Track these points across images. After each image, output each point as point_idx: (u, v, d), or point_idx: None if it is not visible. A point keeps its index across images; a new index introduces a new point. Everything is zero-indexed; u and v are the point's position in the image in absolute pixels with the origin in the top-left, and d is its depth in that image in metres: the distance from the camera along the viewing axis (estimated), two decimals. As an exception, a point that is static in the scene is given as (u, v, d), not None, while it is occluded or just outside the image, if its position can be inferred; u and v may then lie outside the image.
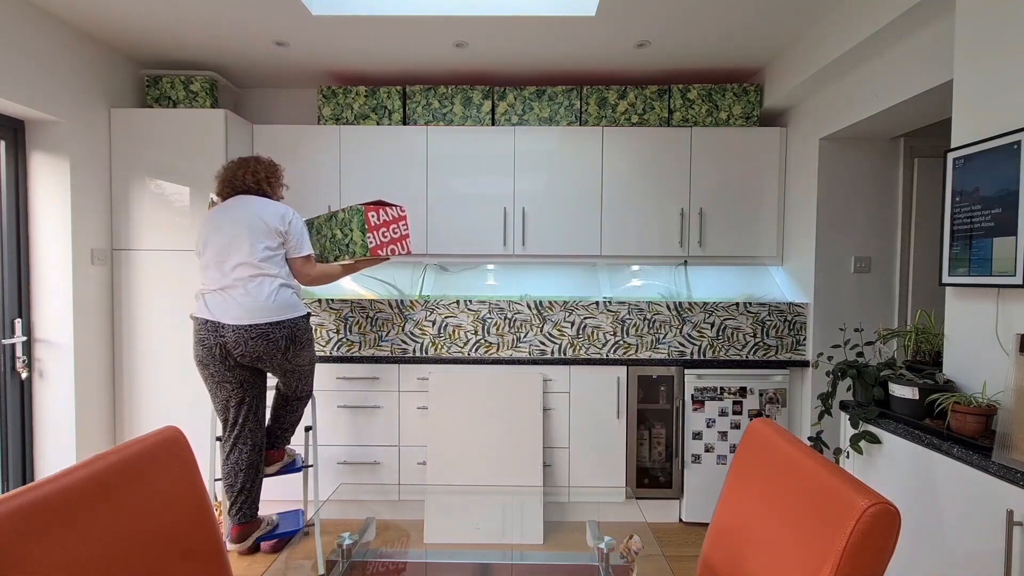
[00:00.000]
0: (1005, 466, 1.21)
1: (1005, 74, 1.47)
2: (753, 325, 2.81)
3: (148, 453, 1.03)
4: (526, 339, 2.86)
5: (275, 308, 1.96)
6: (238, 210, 2.05)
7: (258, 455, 2.14)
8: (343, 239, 2.24)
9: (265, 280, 1.97)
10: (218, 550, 1.13)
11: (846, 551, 0.78)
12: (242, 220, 2.01)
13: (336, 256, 2.29)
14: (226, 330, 1.92)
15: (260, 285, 1.96)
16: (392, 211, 2.27)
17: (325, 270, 2.22)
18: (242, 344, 1.92)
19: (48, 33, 2.33)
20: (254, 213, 2.03)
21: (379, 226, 2.21)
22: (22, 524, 0.76)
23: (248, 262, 1.96)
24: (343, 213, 2.23)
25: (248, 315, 1.92)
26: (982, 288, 1.54)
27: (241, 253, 1.96)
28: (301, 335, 2.05)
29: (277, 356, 1.98)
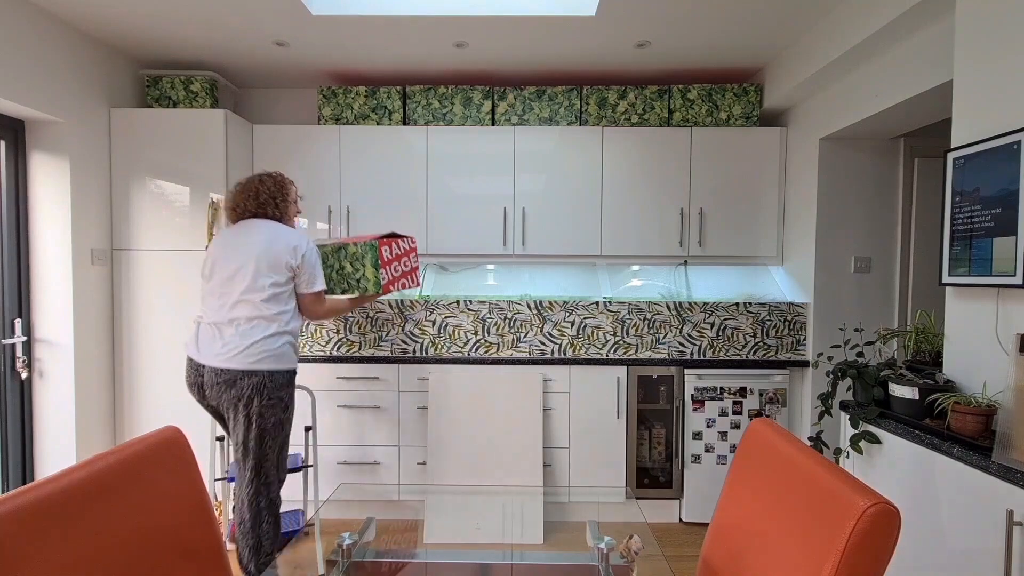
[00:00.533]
0: (1005, 466, 1.21)
1: (1005, 74, 1.47)
2: (753, 325, 2.81)
3: (148, 453, 1.03)
4: (526, 339, 2.86)
5: (254, 356, 1.77)
6: (247, 236, 1.87)
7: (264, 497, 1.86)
8: (353, 273, 2.11)
9: (259, 324, 1.79)
10: (218, 550, 1.13)
11: (846, 551, 0.78)
12: (251, 249, 1.83)
13: (344, 289, 2.15)
14: (204, 370, 1.79)
15: (253, 329, 1.78)
16: (404, 243, 2.18)
17: (333, 306, 2.05)
18: (211, 388, 1.79)
19: (48, 33, 2.33)
20: (264, 241, 1.84)
21: (391, 261, 2.12)
22: (22, 524, 0.76)
23: (250, 300, 1.79)
24: (355, 247, 2.09)
25: (225, 359, 1.76)
26: (982, 288, 1.54)
27: (245, 287, 1.80)
28: (272, 391, 1.79)
29: (238, 406, 1.77)
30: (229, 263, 1.84)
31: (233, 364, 1.75)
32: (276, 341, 1.81)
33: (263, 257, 1.82)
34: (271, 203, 1.95)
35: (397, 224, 2.97)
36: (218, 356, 1.77)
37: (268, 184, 1.98)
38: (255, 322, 1.79)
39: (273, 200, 1.96)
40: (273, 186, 1.98)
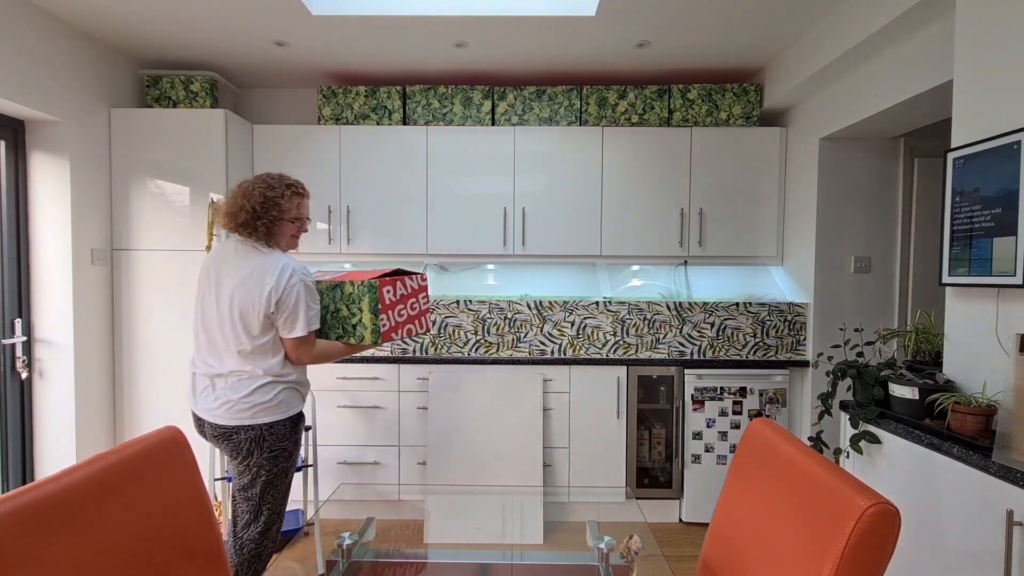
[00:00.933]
0: (1005, 466, 1.21)
1: (1005, 74, 1.47)
2: (753, 325, 2.81)
3: (148, 453, 1.03)
4: (526, 339, 2.86)
5: (247, 411, 1.60)
6: (227, 274, 1.62)
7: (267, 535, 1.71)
8: (349, 317, 1.75)
9: (248, 378, 1.60)
10: (218, 550, 1.13)
11: (846, 551, 0.78)
12: (227, 295, 1.60)
13: (338, 335, 1.77)
14: (204, 423, 1.66)
15: (241, 382, 1.60)
16: (411, 283, 1.81)
17: (325, 350, 1.73)
18: (212, 440, 1.66)
19: (48, 33, 2.33)
20: (243, 288, 1.58)
21: (394, 304, 1.75)
22: (22, 524, 0.76)
23: (240, 351, 1.60)
24: (351, 287, 1.73)
25: (219, 415, 1.61)
26: (982, 288, 1.54)
27: (228, 339, 1.60)
28: (272, 443, 1.63)
29: (237, 458, 1.64)
30: (210, 312, 1.63)
31: (227, 420, 1.59)
32: (270, 392, 1.61)
33: (244, 308, 1.58)
34: (252, 223, 1.63)
35: (397, 223, 2.97)
36: (212, 412, 1.61)
37: (254, 194, 1.64)
38: (244, 375, 1.60)
39: (257, 218, 1.63)
40: (260, 200, 1.63)
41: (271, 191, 1.66)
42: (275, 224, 1.66)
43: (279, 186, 1.68)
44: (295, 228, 1.74)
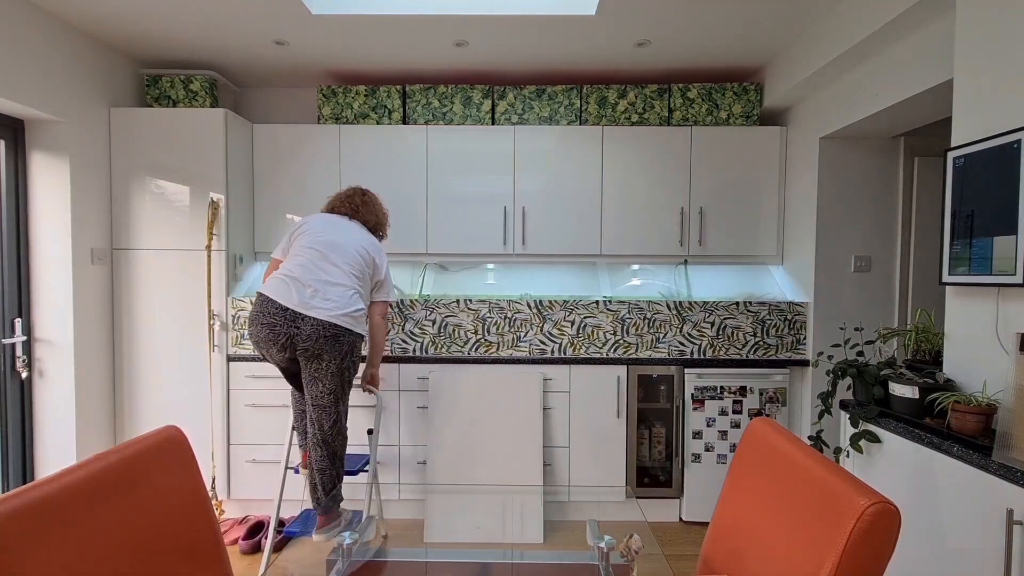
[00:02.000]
0: (1005, 465, 1.21)
1: (1005, 73, 1.47)
2: (753, 324, 2.81)
3: (148, 453, 1.03)
4: (526, 338, 2.86)
5: (355, 319, 2.03)
6: (357, 233, 2.18)
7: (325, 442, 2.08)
8: None
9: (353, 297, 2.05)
10: (218, 550, 1.13)
11: (846, 550, 0.78)
12: (361, 245, 2.13)
13: None
14: (304, 321, 1.92)
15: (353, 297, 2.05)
16: None
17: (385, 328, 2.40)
18: (311, 339, 1.92)
19: (48, 32, 2.33)
20: (368, 246, 2.16)
21: None
22: (22, 524, 0.76)
23: (354, 276, 2.07)
24: None
25: (335, 316, 1.96)
26: (982, 287, 1.54)
27: (352, 266, 2.07)
28: (358, 352, 2.10)
29: (335, 358, 1.98)
30: (336, 236, 2.09)
31: (340, 322, 1.96)
32: (363, 314, 2.09)
33: (361, 252, 2.11)
34: (375, 218, 2.29)
35: (397, 223, 2.97)
36: (328, 312, 1.95)
37: (378, 204, 2.34)
38: (353, 292, 2.04)
39: (379, 225, 2.31)
40: (380, 207, 2.34)
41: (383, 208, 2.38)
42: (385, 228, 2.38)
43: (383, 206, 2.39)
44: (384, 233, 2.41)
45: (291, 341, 1.92)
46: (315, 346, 1.92)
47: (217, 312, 2.71)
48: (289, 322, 1.91)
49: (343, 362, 2.00)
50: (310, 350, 1.93)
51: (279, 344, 1.93)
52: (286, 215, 2.98)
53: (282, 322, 1.91)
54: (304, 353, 1.94)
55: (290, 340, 1.92)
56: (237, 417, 2.73)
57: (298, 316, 1.91)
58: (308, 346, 1.92)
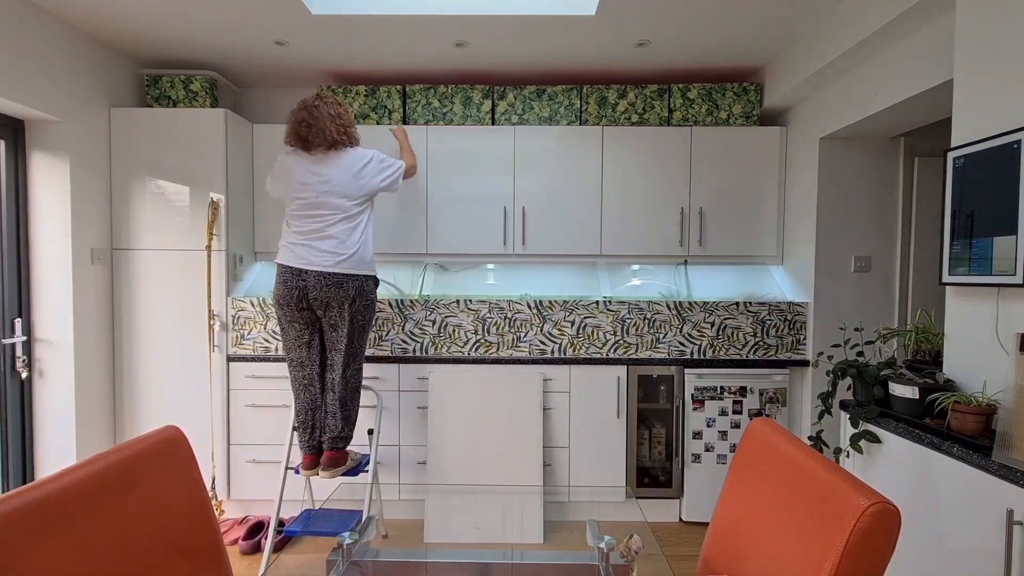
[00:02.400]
0: (1005, 465, 1.21)
1: (1005, 73, 1.47)
2: (753, 324, 2.81)
3: (148, 453, 1.03)
4: (526, 339, 2.86)
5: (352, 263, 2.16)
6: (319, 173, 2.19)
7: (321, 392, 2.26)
8: None
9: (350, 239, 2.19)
10: (218, 550, 1.13)
11: (846, 550, 0.78)
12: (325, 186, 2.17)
13: None
14: (308, 275, 2.11)
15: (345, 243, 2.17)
16: None
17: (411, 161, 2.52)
18: (318, 289, 2.11)
19: (48, 33, 2.33)
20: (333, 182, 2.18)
21: None
22: (22, 523, 0.76)
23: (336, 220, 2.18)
24: None
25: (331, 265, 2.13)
26: (982, 287, 1.54)
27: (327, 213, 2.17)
28: (368, 293, 2.23)
29: (344, 304, 2.14)
30: (306, 192, 2.15)
31: (338, 269, 2.12)
32: (360, 251, 2.19)
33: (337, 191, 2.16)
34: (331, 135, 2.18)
35: (396, 223, 2.97)
36: (324, 264, 2.11)
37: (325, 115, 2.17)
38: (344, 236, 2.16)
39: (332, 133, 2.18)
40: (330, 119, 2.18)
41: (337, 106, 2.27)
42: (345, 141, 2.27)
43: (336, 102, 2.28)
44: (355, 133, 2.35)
45: (303, 294, 2.12)
46: (323, 295, 2.11)
47: (217, 312, 2.71)
48: (296, 277, 2.12)
49: (352, 306, 2.15)
50: (319, 299, 2.12)
51: (295, 298, 2.12)
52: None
53: (292, 278, 2.12)
54: (316, 303, 2.13)
55: (302, 293, 2.12)
56: (237, 417, 2.73)
57: (302, 272, 2.11)
58: (317, 295, 2.12)
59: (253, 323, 2.77)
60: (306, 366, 2.21)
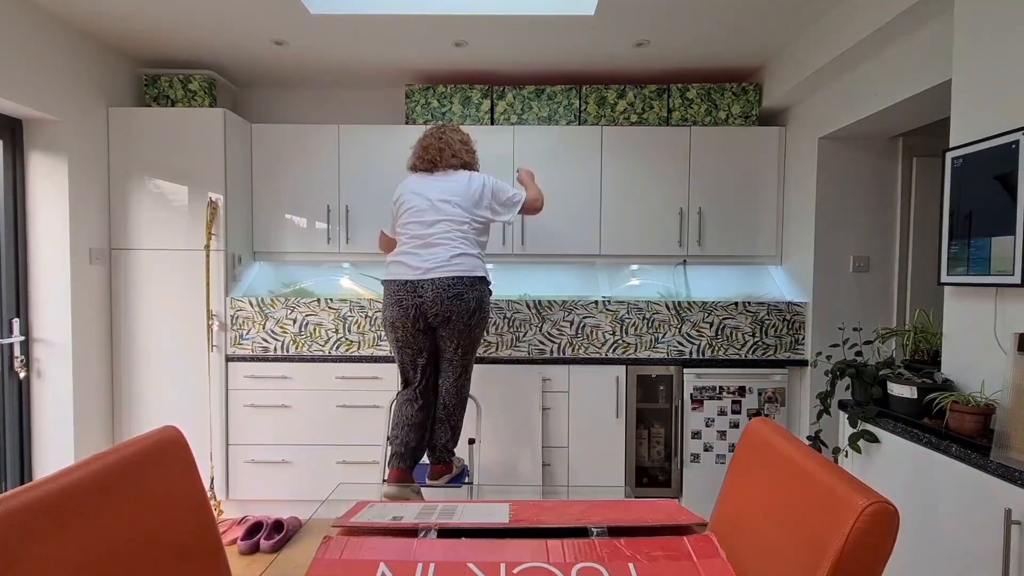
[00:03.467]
0: (1003, 465, 1.22)
1: (1004, 73, 1.48)
2: (752, 324, 2.81)
3: (147, 453, 1.02)
4: (525, 338, 2.86)
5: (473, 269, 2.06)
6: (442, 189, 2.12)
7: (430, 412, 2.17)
8: None
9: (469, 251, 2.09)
10: (218, 550, 1.13)
11: (844, 550, 0.78)
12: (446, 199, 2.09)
13: None
14: (425, 287, 1.99)
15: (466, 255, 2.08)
16: None
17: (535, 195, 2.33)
18: (436, 303, 1.98)
19: (46, 32, 2.32)
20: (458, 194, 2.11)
21: None
22: (20, 524, 0.76)
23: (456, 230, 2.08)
24: None
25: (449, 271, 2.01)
26: (980, 287, 1.54)
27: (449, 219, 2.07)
28: (486, 308, 2.12)
29: (462, 317, 2.02)
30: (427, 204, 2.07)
31: (455, 272, 2.00)
32: (477, 256, 2.09)
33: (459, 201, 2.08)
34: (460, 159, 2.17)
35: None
36: (440, 271, 1.99)
37: (456, 143, 2.18)
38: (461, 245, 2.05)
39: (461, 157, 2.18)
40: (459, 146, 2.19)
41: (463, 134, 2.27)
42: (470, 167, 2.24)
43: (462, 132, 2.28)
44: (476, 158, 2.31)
45: (419, 311, 2.00)
46: (442, 309, 1.98)
47: (216, 312, 2.71)
48: (412, 293, 2.00)
49: (472, 318, 2.04)
50: (439, 314, 1.99)
51: (411, 317, 2.00)
52: (285, 215, 2.98)
53: (407, 295, 2.00)
54: (435, 319, 2.01)
55: (418, 311, 2.00)
56: (236, 417, 2.73)
57: (418, 284, 1.99)
58: (436, 310, 1.99)
59: (252, 323, 2.76)
60: (412, 384, 2.12)
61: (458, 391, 2.14)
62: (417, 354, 2.07)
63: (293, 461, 2.73)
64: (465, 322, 2.03)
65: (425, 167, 2.16)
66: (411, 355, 2.08)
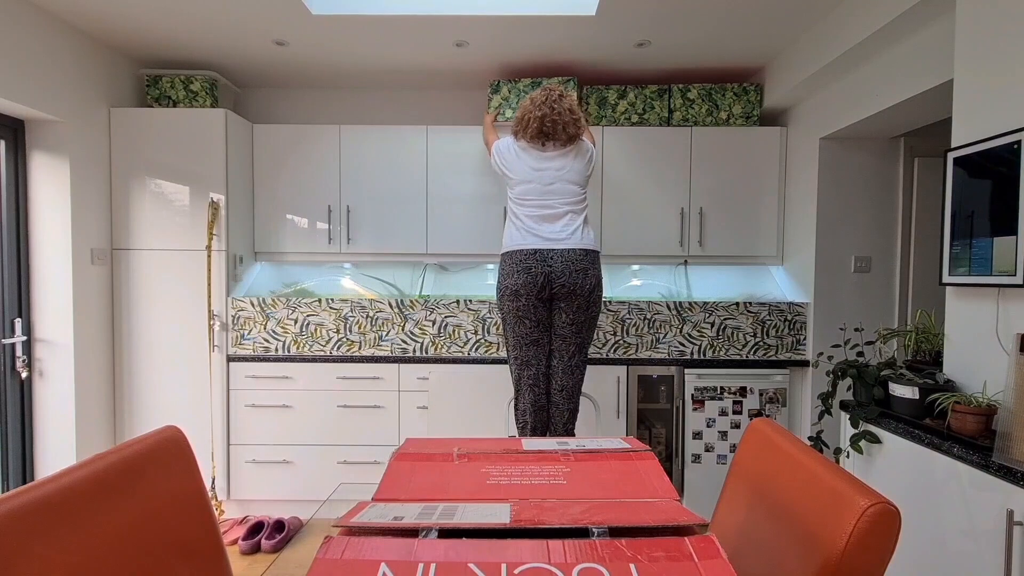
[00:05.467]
0: (1005, 466, 1.21)
1: (1005, 74, 1.47)
2: (753, 325, 2.81)
3: (148, 453, 1.03)
4: (526, 339, 2.86)
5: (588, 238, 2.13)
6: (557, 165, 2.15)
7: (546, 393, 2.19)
8: None
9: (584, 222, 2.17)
10: (218, 550, 1.13)
11: (846, 551, 0.78)
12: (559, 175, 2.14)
13: None
14: (554, 257, 2.03)
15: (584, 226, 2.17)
16: None
17: None
18: (564, 275, 2.02)
19: (48, 33, 2.33)
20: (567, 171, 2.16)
21: None
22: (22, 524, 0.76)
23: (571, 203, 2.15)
24: None
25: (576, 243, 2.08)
26: (982, 288, 1.54)
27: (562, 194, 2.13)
28: (600, 287, 2.14)
29: (583, 292, 2.06)
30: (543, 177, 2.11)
31: (582, 245, 2.06)
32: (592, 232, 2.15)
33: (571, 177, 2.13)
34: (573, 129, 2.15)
35: (397, 223, 2.97)
36: (569, 242, 2.05)
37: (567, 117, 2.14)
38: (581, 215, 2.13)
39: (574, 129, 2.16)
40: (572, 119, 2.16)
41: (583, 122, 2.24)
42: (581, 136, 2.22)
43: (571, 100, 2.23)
44: None
45: (547, 279, 2.03)
46: (568, 280, 2.02)
47: (217, 312, 2.71)
48: (541, 261, 2.03)
49: (590, 295, 2.07)
50: (565, 285, 2.03)
51: (538, 285, 2.03)
52: (286, 215, 2.98)
53: (536, 263, 2.03)
54: (560, 289, 2.04)
55: (546, 279, 2.03)
56: (237, 417, 2.73)
57: (548, 254, 2.03)
58: (564, 280, 2.03)
59: (253, 323, 2.77)
60: (532, 364, 2.13)
61: (573, 371, 2.15)
62: (535, 326, 2.09)
63: (294, 461, 2.73)
64: (585, 298, 2.07)
65: (536, 141, 2.15)
66: (529, 327, 2.09)
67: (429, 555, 0.65)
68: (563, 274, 2.03)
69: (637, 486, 0.87)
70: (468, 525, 0.71)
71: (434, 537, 0.69)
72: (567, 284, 2.03)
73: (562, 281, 2.03)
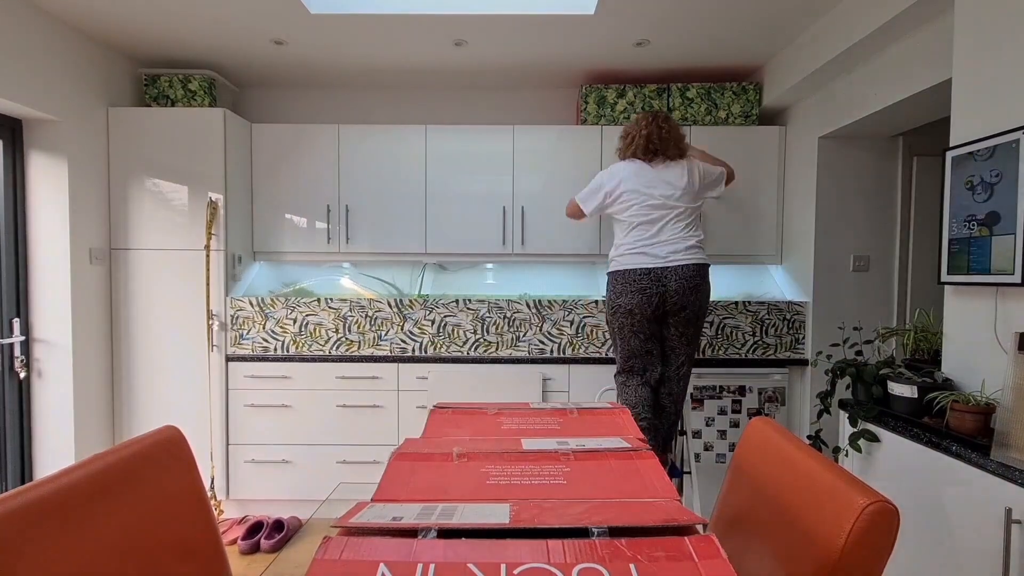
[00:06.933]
0: (1003, 464, 1.22)
1: (1004, 72, 1.47)
2: (752, 324, 2.81)
3: (147, 453, 1.02)
4: (525, 338, 2.86)
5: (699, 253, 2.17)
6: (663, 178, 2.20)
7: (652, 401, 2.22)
8: None
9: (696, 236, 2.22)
10: (218, 550, 1.13)
11: (845, 549, 0.78)
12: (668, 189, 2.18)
13: None
14: (670, 276, 2.07)
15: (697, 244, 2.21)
16: None
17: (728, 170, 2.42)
18: (679, 294, 2.06)
19: (46, 32, 2.32)
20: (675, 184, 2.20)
21: None
22: (20, 524, 0.76)
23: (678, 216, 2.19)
24: None
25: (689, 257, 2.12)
26: (981, 287, 1.54)
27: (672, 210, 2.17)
28: (707, 306, 2.20)
29: (695, 306, 2.11)
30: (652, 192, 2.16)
31: (693, 260, 2.10)
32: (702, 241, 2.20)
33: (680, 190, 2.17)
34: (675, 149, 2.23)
35: (396, 223, 2.96)
36: (681, 258, 2.08)
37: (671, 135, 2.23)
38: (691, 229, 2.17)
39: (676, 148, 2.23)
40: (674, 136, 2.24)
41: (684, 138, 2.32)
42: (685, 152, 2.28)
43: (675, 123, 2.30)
44: None
45: (662, 299, 2.08)
46: (682, 298, 2.07)
47: (216, 312, 2.71)
48: (656, 281, 2.08)
49: (700, 309, 2.13)
50: (679, 303, 2.07)
51: (653, 304, 2.08)
52: (285, 215, 2.98)
53: (651, 283, 2.08)
54: (674, 307, 2.09)
55: (661, 299, 2.08)
56: (236, 417, 2.73)
57: (663, 273, 2.07)
58: (677, 299, 2.07)
59: (252, 323, 2.76)
60: (642, 373, 2.19)
61: (681, 379, 2.22)
62: (648, 339, 2.15)
63: (293, 461, 2.73)
64: (695, 312, 2.12)
65: (646, 157, 2.21)
66: (642, 340, 2.15)
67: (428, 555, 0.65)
68: (677, 292, 2.06)
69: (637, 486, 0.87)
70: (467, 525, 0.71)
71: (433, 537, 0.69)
72: (680, 302, 2.07)
73: (676, 300, 2.07)
